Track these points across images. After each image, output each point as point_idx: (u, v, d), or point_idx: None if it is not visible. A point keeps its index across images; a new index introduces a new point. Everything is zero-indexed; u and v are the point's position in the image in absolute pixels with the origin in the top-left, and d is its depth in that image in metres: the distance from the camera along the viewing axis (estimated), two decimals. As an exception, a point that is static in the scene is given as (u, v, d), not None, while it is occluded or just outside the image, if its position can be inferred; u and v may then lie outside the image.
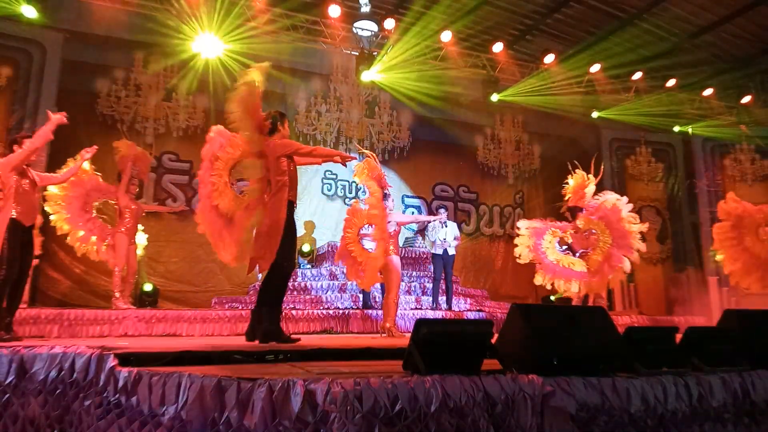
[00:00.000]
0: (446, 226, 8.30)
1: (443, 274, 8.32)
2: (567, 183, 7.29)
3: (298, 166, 4.73)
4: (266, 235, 4.32)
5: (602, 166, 7.39)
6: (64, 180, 5.95)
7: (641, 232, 6.63)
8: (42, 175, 5.24)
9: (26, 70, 8.40)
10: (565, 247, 7.08)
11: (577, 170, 7.24)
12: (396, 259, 6.12)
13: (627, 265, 6.48)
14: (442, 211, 8.30)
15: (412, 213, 11.74)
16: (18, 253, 4.57)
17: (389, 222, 6.07)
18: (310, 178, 10.77)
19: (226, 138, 4.83)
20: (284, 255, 4.33)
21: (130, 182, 7.32)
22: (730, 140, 11.76)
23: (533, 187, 12.94)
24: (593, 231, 6.83)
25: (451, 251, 8.33)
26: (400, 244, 8.40)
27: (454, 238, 8.37)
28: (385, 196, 6.17)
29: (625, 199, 6.85)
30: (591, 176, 7.21)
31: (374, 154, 6.38)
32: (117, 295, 6.96)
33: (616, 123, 11.75)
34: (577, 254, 6.87)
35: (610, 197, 6.94)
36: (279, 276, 4.39)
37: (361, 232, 6.14)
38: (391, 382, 1.84)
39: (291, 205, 4.43)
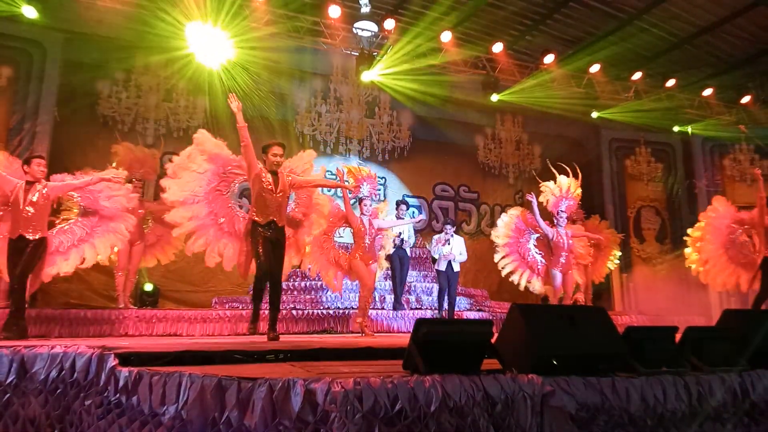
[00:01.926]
0: (449, 243, 7.66)
1: (447, 288, 7.71)
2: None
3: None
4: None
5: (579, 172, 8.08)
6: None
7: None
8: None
9: (26, 70, 8.39)
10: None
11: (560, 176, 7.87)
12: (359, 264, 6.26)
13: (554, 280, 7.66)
14: (447, 227, 7.74)
15: (413, 213, 11.72)
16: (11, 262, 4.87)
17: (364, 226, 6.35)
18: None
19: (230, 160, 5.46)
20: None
21: (133, 184, 7.30)
22: (730, 140, 11.78)
23: (534, 187, 12.91)
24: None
25: (456, 267, 7.71)
26: (411, 244, 8.47)
27: (460, 253, 7.72)
28: (359, 201, 6.46)
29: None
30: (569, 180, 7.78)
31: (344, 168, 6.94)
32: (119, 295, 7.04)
33: (616, 123, 11.75)
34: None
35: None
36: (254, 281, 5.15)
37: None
38: (391, 382, 1.84)
39: (253, 224, 4.98)
